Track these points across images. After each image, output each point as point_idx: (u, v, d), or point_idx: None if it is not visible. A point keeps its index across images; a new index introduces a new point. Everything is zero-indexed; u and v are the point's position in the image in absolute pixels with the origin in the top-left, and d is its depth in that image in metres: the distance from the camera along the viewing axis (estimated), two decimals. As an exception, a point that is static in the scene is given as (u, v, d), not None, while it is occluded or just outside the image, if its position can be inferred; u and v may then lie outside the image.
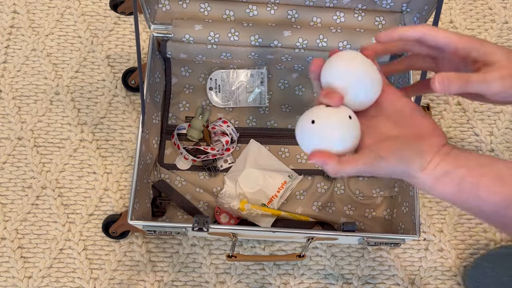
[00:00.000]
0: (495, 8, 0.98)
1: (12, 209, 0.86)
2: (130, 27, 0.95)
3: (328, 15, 0.80)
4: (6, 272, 0.83)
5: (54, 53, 0.94)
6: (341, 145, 0.45)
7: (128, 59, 0.94)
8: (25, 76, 0.92)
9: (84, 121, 0.90)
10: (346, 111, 0.46)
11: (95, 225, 0.86)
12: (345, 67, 0.46)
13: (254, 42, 0.79)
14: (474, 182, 0.43)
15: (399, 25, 0.80)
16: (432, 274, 0.85)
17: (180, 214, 0.84)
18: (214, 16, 0.80)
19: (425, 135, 0.46)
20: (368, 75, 0.46)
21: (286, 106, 0.89)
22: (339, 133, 0.45)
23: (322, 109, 0.46)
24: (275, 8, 0.80)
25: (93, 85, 0.92)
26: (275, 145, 0.87)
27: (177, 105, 0.89)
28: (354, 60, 0.46)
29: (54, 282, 0.83)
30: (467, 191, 0.43)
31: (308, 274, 0.84)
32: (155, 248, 0.85)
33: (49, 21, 0.95)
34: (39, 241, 0.85)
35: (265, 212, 0.81)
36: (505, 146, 0.91)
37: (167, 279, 0.83)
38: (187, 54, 0.82)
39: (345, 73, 0.46)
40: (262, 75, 0.88)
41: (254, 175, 0.85)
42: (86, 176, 0.88)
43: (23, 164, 0.88)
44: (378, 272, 0.85)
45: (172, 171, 0.86)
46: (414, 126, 0.47)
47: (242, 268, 0.84)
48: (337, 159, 0.44)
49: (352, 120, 0.45)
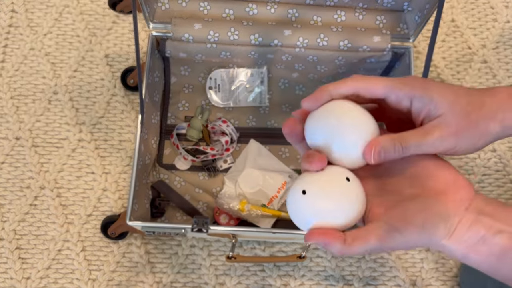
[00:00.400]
0: (497, 7, 0.97)
1: (10, 210, 0.85)
2: (129, 26, 0.95)
3: (329, 14, 0.80)
4: (4, 273, 0.83)
5: (52, 52, 0.93)
6: (341, 217, 0.37)
7: (127, 58, 0.93)
8: (23, 76, 0.92)
9: (82, 121, 0.90)
10: (342, 173, 0.38)
11: (93, 225, 0.85)
12: (327, 120, 0.38)
13: (254, 41, 0.78)
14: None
15: (400, 24, 0.80)
16: (434, 275, 0.84)
17: (179, 214, 0.83)
18: (214, 15, 0.80)
19: (447, 189, 0.37)
20: (361, 123, 0.38)
21: (286, 105, 0.89)
22: (336, 203, 0.37)
23: (313, 175, 0.38)
24: (275, 7, 0.79)
25: (91, 85, 0.92)
26: (275, 145, 0.87)
27: (177, 104, 0.88)
28: (339, 109, 0.39)
29: (52, 283, 0.82)
30: (509, 266, 0.36)
31: (309, 275, 0.84)
32: (154, 249, 0.84)
33: (47, 20, 0.95)
34: (37, 242, 0.84)
35: (265, 213, 0.80)
36: (507, 146, 0.90)
37: (166, 280, 0.83)
38: (187, 53, 0.81)
39: (329, 127, 0.38)
40: (262, 74, 0.88)
41: (254, 175, 0.84)
42: (85, 176, 0.87)
43: (21, 164, 0.87)
44: (379, 273, 0.84)
45: (171, 171, 0.85)
46: (430, 179, 0.38)
47: (242, 270, 0.84)
48: (342, 237, 0.36)
49: (351, 183, 0.38)
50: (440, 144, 0.38)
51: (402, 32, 0.79)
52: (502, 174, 0.89)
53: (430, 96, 0.38)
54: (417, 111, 0.39)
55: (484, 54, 0.95)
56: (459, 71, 0.94)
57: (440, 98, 0.38)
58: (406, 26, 0.79)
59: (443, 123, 0.38)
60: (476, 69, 0.94)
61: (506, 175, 0.89)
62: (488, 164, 0.89)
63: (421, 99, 0.38)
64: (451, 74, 0.94)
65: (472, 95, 0.39)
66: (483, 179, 0.88)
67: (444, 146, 0.38)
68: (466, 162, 0.89)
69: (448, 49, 0.95)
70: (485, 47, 0.95)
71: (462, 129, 0.38)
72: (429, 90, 0.38)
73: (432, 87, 0.39)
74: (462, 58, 0.95)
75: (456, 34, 0.96)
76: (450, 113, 0.38)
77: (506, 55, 0.95)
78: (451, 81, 0.93)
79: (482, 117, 0.38)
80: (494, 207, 0.37)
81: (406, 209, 0.37)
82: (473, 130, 0.38)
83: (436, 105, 0.38)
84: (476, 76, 0.94)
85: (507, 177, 0.89)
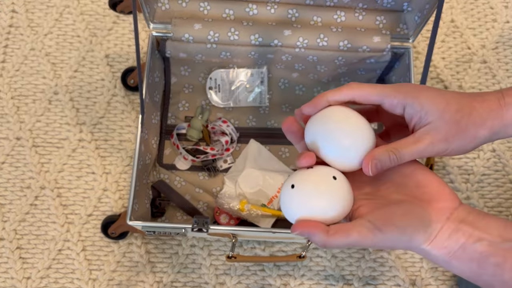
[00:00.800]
0: (497, 8, 0.97)
1: (11, 210, 0.86)
2: (129, 26, 0.95)
3: (329, 14, 0.80)
4: (5, 273, 0.83)
5: (53, 53, 0.93)
6: (326, 211, 0.39)
7: (127, 58, 0.93)
8: (24, 76, 0.92)
9: (83, 121, 0.90)
10: (330, 172, 0.40)
11: (94, 225, 0.85)
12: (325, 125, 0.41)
13: (254, 42, 0.78)
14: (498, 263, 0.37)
15: (400, 25, 0.80)
16: (433, 275, 0.84)
17: (180, 214, 0.84)
18: (214, 15, 0.80)
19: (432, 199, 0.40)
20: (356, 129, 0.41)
21: (286, 105, 0.89)
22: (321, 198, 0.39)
23: (303, 172, 0.41)
24: (275, 7, 0.79)
25: (92, 85, 0.92)
26: (275, 145, 0.87)
27: (177, 104, 0.88)
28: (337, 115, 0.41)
29: (53, 283, 0.83)
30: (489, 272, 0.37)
31: (309, 275, 0.84)
32: (154, 249, 0.84)
33: (48, 20, 0.95)
34: (38, 242, 0.84)
35: (265, 213, 0.81)
36: (506, 146, 0.90)
37: (167, 280, 0.83)
38: (187, 53, 0.81)
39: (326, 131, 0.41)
40: (262, 74, 0.88)
41: (254, 175, 0.84)
42: (85, 176, 0.87)
43: (21, 164, 0.87)
44: (379, 273, 0.84)
45: (171, 171, 0.85)
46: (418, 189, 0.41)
47: (242, 269, 0.84)
48: (325, 229, 0.38)
49: (338, 182, 0.40)
50: (432, 149, 0.40)
51: (402, 32, 0.80)
52: (502, 174, 0.89)
53: (421, 104, 0.40)
54: (409, 117, 0.41)
55: (483, 54, 0.95)
56: (459, 71, 0.94)
57: (431, 106, 0.40)
58: (406, 26, 0.80)
59: (433, 130, 0.40)
60: (475, 69, 0.94)
61: (506, 175, 0.89)
62: (487, 164, 0.89)
63: (412, 106, 0.40)
64: (451, 74, 0.94)
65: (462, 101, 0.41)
66: (482, 179, 0.89)
67: (436, 151, 0.40)
68: (465, 162, 0.89)
69: (448, 49, 0.95)
70: (484, 47, 0.95)
71: (452, 135, 0.40)
72: (420, 98, 0.40)
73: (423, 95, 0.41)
74: (461, 58, 0.95)
75: (455, 35, 0.96)
76: (440, 120, 0.40)
77: (505, 55, 0.95)
78: (451, 81, 0.93)
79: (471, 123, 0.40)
80: (475, 216, 0.39)
81: (391, 212, 0.39)
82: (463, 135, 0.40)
83: (426, 112, 0.40)
84: (475, 76, 0.94)
85: (506, 177, 0.89)
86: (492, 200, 0.88)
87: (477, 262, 0.37)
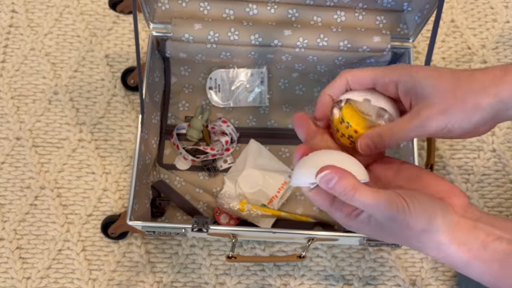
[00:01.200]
0: (497, 8, 0.97)
1: (11, 210, 0.86)
2: (129, 26, 0.95)
3: (329, 14, 0.80)
4: (5, 273, 0.83)
5: (52, 53, 0.93)
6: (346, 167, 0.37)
7: (127, 58, 0.93)
8: (24, 76, 0.92)
9: (83, 121, 0.90)
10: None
11: (94, 225, 0.85)
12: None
13: (254, 42, 0.78)
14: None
15: (400, 25, 0.80)
16: (434, 275, 0.84)
17: (180, 214, 0.84)
18: (214, 15, 0.80)
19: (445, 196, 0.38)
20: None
21: (287, 105, 0.89)
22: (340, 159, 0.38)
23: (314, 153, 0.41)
24: (275, 7, 0.79)
25: (92, 85, 0.92)
26: (275, 145, 0.87)
27: (177, 104, 0.88)
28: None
29: (53, 283, 0.83)
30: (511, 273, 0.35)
31: (309, 275, 0.84)
32: (154, 249, 0.84)
33: (47, 20, 0.95)
34: (38, 242, 0.84)
35: (265, 213, 0.81)
36: (506, 146, 0.90)
37: (167, 280, 0.83)
38: (187, 53, 0.81)
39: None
40: (262, 74, 0.88)
41: (254, 175, 0.84)
42: (85, 176, 0.87)
43: (21, 164, 0.87)
44: (379, 273, 0.84)
45: (171, 171, 0.85)
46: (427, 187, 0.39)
47: (242, 269, 0.84)
48: (355, 178, 0.36)
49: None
50: (430, 124, 0.38)
51: (402, 32, 0.80)
52: (502, 174, 0.89)
53: (414, 80, 0.39)
54: (404, 96, 0.40)
55: (483, 54, 0.95)
56: (459, 71, 0.94)
57: (425, 80, 0.39)
58: (406, 26, 0.80)
59: (429, 104, 0.38)
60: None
61: (506, 175, 0.89)
62: (487, 164, 0.89)
63: (405, 84, 0.39)
64: (451, 74, 0.94)
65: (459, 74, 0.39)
66: (482, 179, 0.89)
67: (435, 126, 0.38)
68: (465, 162, 0.89)
69: (448, 49, 0.95)
70: (484, 47, 0.95)
71: (449, 106, 0.38)
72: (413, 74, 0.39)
73: (416, 72, 0.39)
74: (461, 58, 0.95)
75: (455, 34, 0.96)
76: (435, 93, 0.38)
77: (505, 55, 0.95)
78: (451, 81, 0.93)
79: (470, 92, 0.38)
80: (489, 216, 0.37)
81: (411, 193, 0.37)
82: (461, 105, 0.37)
83: (421, 87, 0.39)
84: (475, 76, 0.94)
85: (506, 177, 0.89)
86: (492, 200, 0.88)
87: (499, 263, 0.35)
